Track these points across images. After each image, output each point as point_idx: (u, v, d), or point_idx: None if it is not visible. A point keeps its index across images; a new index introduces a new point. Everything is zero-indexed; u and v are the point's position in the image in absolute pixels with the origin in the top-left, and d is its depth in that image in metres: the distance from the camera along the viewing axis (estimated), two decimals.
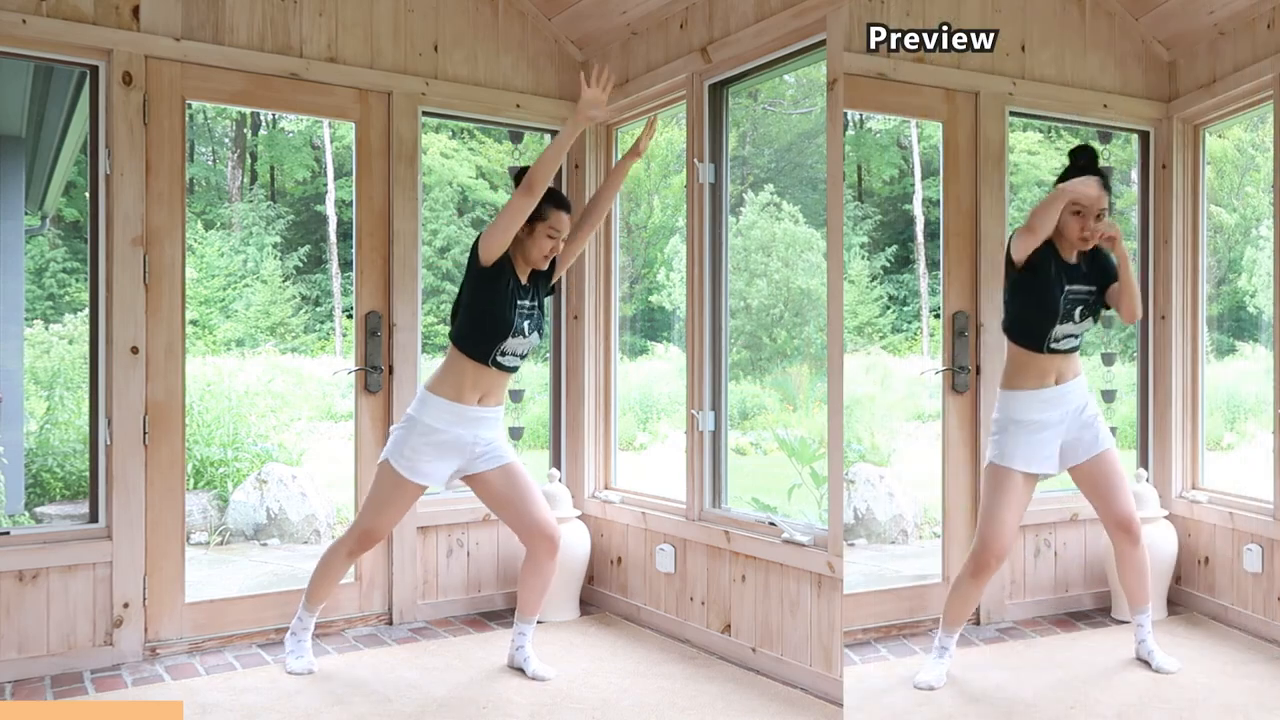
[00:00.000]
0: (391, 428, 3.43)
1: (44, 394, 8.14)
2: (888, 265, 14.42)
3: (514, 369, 3.31)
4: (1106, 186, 3.15)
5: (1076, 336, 3.22)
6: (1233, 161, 11.05)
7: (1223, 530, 3.96)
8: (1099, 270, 3.24)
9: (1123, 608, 3.96)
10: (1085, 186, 3.07)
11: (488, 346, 3.22)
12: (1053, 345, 3.18)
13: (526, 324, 3.26)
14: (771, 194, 13.03)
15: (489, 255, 3.18)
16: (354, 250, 4.00)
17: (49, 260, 13.92)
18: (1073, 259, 3.21)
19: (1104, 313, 3.35)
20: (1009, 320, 3.26)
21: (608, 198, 3.50)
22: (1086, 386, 3.30)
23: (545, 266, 3.30)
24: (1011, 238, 3.17)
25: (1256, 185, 10.71)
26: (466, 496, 4.20)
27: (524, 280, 3.28)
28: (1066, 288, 3.16)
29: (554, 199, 3.26)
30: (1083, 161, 3.22)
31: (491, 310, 3.20)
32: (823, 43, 3.35)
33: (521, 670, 3.44)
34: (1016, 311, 3.22)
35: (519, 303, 3.24)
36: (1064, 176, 3.22)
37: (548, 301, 3.46)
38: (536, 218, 3.21)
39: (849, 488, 5.95)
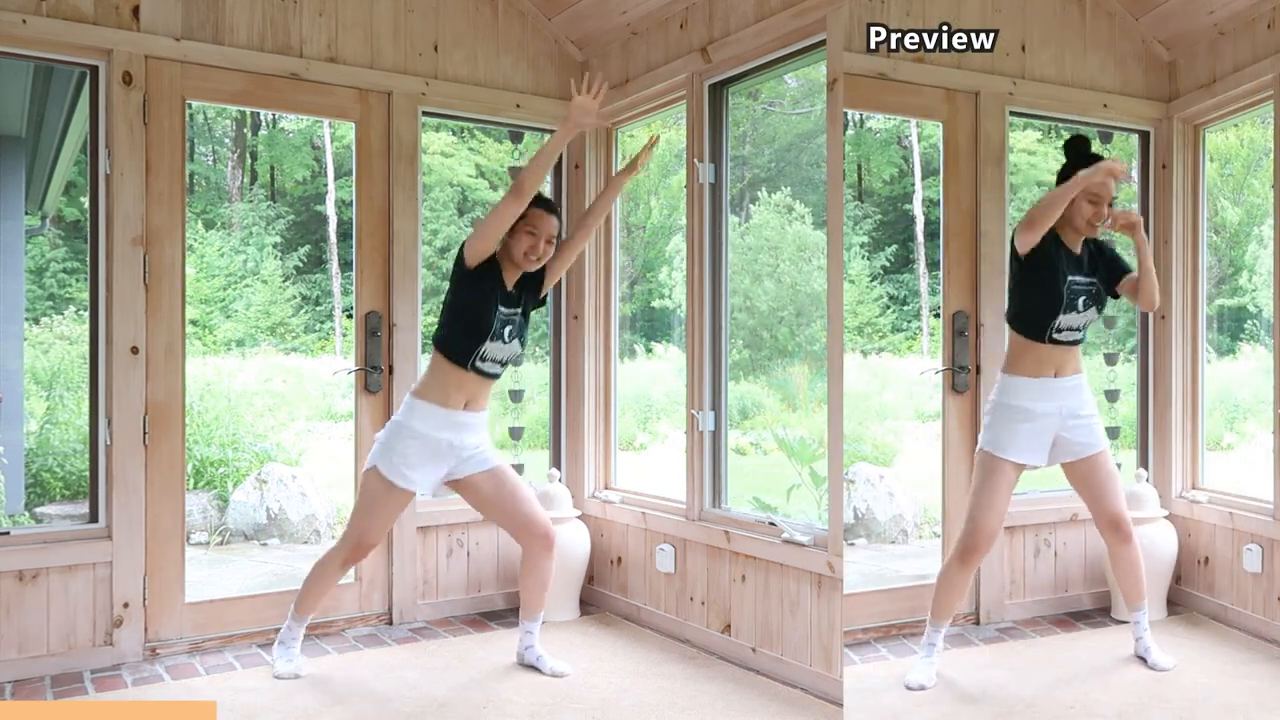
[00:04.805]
0: (376, 435, 3.38)
1: (44, 394, 8.14)
2: (888, 265, 14.42)
3: (495, 375, 3.29)
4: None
5: (1078, 329, 3.24)
6: (1241, 158, 11.04)
7: (1223, 530, 3.96)
8: (1103, 263, 3.29)
9: (1122, 608, 3.96)
10: (1109, 171, 3.04)
11: (468, 349, 3.21)
12: (1055, 336, 3.21)
13: (507, 330, 3.24)
14: (785, 194, 13.03)
15: (474, 257, 3.19)
16: (354, 250, 4.00)
17: (49, 260, 13.92)
18: (1076, 250, 3.24)
19: (1106, 307, 3.36)
20: (1013, 310, 3.31)
21: (602, 209, 3.51)
22: (1086, 386, 3.31)
23: (530, 266, 3.26)
24: (1016, 229, 3.18)
25: (1265, 182, 10.70)
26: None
27: (510, 287, 3.27)
28: (1069, 278, 3.19)
29: (535, 199, 3.24)
30: (1085, 150, 3.24)
31: (472, 312, 3.20)
32: (823, 43, 3.34)
33: (534, 668, 3.45)
34: (1021, 301, 3.26)
35: (501, 308, 3.23)
36: (1067, 169, 3.22)
37: (535, 315, 3.43)
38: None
39: (849, 487, 5.95)
